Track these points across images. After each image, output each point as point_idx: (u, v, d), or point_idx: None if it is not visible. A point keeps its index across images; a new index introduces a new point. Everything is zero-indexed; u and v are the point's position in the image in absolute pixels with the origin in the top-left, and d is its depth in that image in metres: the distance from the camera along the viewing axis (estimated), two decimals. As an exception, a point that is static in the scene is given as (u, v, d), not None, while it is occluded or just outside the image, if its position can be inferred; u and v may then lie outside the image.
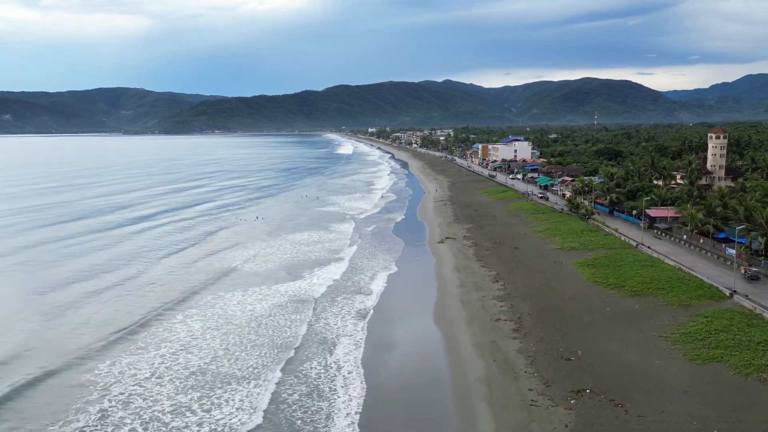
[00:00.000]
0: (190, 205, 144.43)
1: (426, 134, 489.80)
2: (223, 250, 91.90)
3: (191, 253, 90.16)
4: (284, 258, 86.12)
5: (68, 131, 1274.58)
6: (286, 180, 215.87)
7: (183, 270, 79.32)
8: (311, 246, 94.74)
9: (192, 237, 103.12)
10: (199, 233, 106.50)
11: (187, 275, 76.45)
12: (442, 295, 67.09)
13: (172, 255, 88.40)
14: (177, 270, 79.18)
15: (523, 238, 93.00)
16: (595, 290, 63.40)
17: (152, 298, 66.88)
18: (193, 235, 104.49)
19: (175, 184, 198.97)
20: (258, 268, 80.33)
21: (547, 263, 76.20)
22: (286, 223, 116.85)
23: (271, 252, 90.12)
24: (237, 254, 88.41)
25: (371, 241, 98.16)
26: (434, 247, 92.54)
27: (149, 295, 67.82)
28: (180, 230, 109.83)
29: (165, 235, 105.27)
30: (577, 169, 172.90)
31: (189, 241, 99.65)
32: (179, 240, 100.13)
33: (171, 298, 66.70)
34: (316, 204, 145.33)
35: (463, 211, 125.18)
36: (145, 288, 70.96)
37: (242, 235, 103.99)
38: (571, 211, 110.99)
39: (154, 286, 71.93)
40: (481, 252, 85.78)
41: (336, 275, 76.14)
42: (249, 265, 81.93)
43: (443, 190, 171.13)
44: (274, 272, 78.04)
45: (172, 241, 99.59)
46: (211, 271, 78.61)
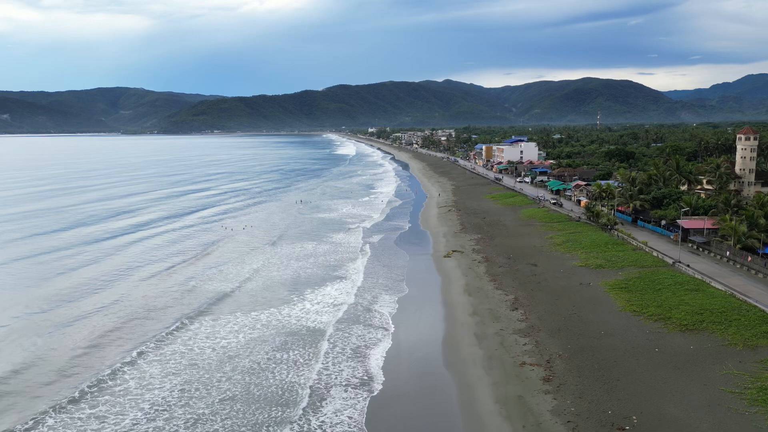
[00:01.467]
0: (184, 213, 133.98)
1: (427, 134, 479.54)
2: (210, 269, 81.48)
3: (169, 275, 79.63)
4: (284, 277, 75.72)
5: (66, 131, 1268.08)
6: (290, 182, 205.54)
7: (155, 298, 68.84)
8: (307, 261, 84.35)
9: (181, 250, 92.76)
10: (183, 248, 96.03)
11: (160, 305, 65.97)
12: (452, 326, 56.67)
13: (145, 280, 77.83)
14: (147, 300, 68.59)
15: (541, 253, 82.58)
16: (635, 323, 53.00)
17: (108, 340, 56.49)
18: (181, 249, 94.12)
19: (173, 188, 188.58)
20: (242, 298, 69.83)
21: (572, 285, 65.77)
22: (282, 233, 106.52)
23: (258, 268, 79.82)
24: (228, 273, 78.05)
25: (372, 256, 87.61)
26: (440, 263, 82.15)
27: (104, 336, 57.43)
28: (167, 243, 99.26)
29: (145, 251, 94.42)
30: (589, 172, 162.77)
31: (170, 258, 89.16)
32: (161, 256, 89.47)
33: (136, 338, 56.30)
34: (312, 210, 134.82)
35: (469, 219, 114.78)
36: (102, 322, 60.57)
37: (232, 250, 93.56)
38: (590, 219, 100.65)
39: (112, 322, 61.55)
40: (494, 269, 75.40)
41: (335, 300, 65.74)
42: (238, 293, 71.45)
43: (447, 194, 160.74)
44: (261, 300, 67.62)
45: (151, 258, 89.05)
46: (182, 301, 68.12)
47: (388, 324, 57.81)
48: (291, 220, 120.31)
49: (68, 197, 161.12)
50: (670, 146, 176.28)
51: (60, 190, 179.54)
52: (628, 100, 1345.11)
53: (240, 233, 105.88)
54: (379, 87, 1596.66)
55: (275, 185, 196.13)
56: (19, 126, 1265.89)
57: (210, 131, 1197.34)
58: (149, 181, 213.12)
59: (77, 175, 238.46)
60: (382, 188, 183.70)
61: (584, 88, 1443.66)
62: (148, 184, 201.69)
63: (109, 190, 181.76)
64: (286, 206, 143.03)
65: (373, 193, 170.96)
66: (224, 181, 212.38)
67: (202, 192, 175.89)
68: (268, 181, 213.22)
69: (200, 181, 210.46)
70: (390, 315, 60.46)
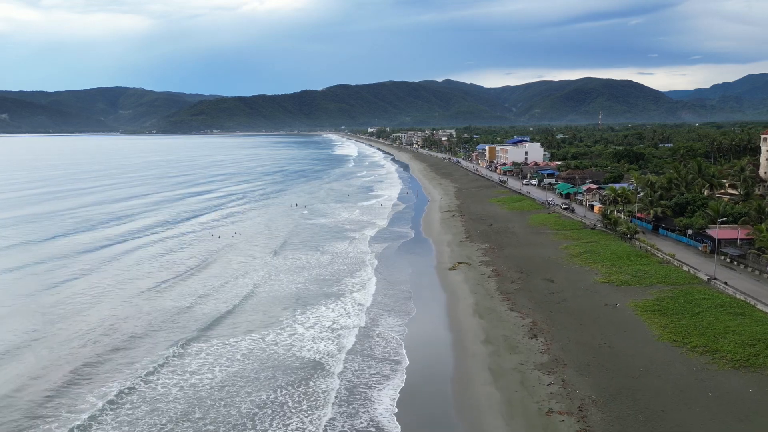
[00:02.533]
0: (182, 219, 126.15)
1: (427, 135, 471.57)
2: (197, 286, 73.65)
3: (151, 297, 71.87)
4: (278, 295, 68.01)
5: (65, 131, 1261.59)
6: (290, 184, 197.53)
7: (132, 324, 61.12)
8: (305, 275, 76.60)
9: (172, 262, 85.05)
10: (174, 259, 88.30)
11: (139, 331, 58.25)
12: (462, 358, 48.92)
13: (126, 301, 70.10)
14: (121, 328, 60.93)
15: (556, 265, 74.82)
16: (677, 356, 45.28)
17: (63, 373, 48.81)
18: (171, 261, 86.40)
19: (173, 190, 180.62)
20: (228, 323, 62.10)
21: (596, 306, 58.03)
22: (281, 241, 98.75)
23: (252, 285, 72.10)
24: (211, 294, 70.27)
25: (376, 270, 79.85)
26: (445, 276, 74.40)
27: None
28: (157, 255, 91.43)
29: (132, 264, 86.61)
30: (598, 174, 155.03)
31: (157, 273, 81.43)
32: (148, 271, 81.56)
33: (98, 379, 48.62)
34: (312, 216, 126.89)
35: (475, 226, 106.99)
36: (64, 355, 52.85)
37: (224, 263, 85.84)
38: (607, 227, 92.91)
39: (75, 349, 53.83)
40: (506, 285, 67.65)
41: (338, 323, 57.99)
42: (226, 316, 63.73)
43: (449, 197, 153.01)
44: (248, 324, 59.91)
45: (136, 274, 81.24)
46: (162, 328, 60.38)
47: (399, 355, 49.98)
48: (291, 227, 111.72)
49: (63, 201, 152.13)
50: (683, 147, 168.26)
51: (55, 193, 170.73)
52: (628, 100, 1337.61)
53: (231, 241, 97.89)
54: (379, 87, 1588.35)
55: (276, 188, 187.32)
56: (18, 126, 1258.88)
57: (209, 131, 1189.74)
58: (148, 183, 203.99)
59: (74, 176, 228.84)
60: (382, 191, 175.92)
61: (584, 88, 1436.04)
62: (146, 186, 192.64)
63: (106, 192, 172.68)
64: (286, 210, 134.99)
65: (374, 196, 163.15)
66: (224, 183, 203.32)
67: (203, 195, 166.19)
68: (270, 183, 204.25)
69: (201, 183, 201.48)
70: (400, 342, 52.77)
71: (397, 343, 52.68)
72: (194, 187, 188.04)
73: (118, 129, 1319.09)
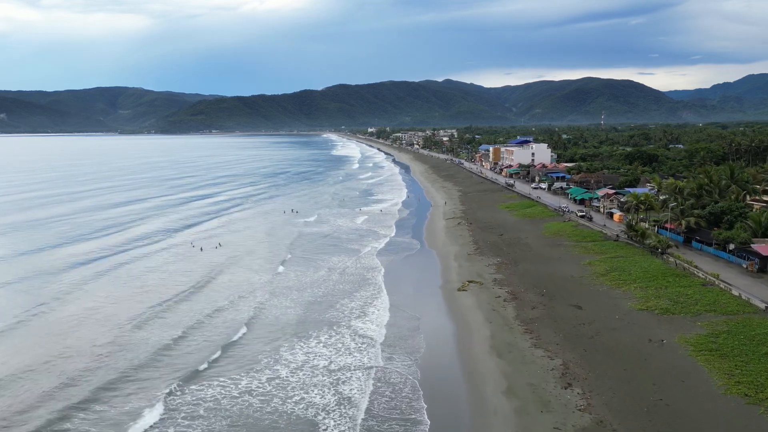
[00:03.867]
0: (178, 228, 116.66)
1: (428, 135, 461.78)
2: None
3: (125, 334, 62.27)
4: (265, 331, 58.44)
5: (64, 131, 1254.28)
6: (290, 188, 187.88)
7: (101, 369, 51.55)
8: (302, 297, 67.04)
9: (161, 282, 75.50)
10: (163, 279, 78.75)
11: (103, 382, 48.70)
12: (483, 416, 39.25)
13: (93, 342, 60.51)
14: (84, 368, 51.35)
15: (582, 286, 65.20)
16: (754, 419, 35.68)
17: None
18: (161, 280, 76.84)
19: (172, 195, 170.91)
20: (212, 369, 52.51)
21: (639, 342, 48.41)
22: (274, 251, 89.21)
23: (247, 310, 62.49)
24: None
25: (381, 292, 70.38)
26: (454, 299, 64.82)
27: None
28: (145, 272, 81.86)
29: (115, 285, 77.08)
30: (612, 178, 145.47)
31: (140, 296, 71.93)
32: (129, 294, 72.13)
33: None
34: (308, 224, 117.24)
35: (484, 236, 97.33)
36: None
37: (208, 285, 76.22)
38: (633, 239, 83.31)
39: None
40: (526, 312, 58.06)
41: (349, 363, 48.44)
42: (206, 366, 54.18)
43: (454, 202, 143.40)
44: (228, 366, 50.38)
45: (116, 297, 71.71)
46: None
47: (415, 410, 40.41)
48: (289, 239, 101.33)
49: (57, 206, 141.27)
50: (702, 149, 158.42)
51: (50, 197, 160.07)
52: (629, 100, 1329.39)
53: (226, 255, 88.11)
54: (379, 87, 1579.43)
55: (274, 192, 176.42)
56: (17, 126, 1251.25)
57: (208, 131, 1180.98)
58: (145, 186, 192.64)
59: (71, 179, 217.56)
60: (383, 195, 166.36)
61: (585, 87, 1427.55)
62: (143, 189, 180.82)
63: (101, 197, 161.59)
64: (284, 218, 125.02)
65: (375, 201, 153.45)
66: (223, 187, 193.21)
67: (202, 200, 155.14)
68: (268, 187, 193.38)
69: (199, 187, 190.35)
70: (416, 389, 43.43)
71: (411, 390, 43.05)
72: (190, 192, 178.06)
73: (117, 129, 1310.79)
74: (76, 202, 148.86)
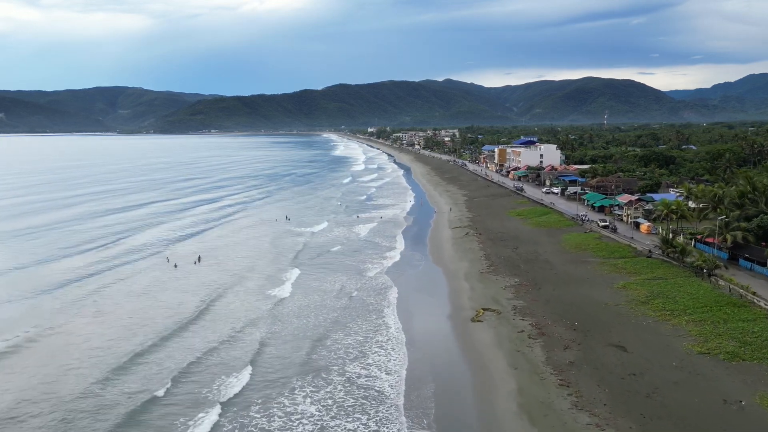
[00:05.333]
0: (175, 239, 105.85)
1: (429, 135, 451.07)
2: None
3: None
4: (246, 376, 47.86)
5: (63, 130, 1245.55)
6: (286, 194, 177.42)
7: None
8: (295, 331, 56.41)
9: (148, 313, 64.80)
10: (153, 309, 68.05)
11: None
12: None
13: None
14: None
15: (620, 317, 54.52)
16: None
17: None
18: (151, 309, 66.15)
19: (174, 199, 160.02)
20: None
21: (712, 405, 37.67)
22: (257, 268, 78.63)
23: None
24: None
25: (370, 329, 59.84)
26: (468, 333, 54.20)
27: None
28: (131, 295, 71.29)
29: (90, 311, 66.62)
30: (630, 182, 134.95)
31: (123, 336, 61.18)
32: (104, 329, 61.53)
33: None
34: (304, 235, 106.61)
35: (496, 250, 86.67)
36: None
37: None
38: (669, 256, 72.68)
39: None
40: (557, 353, 47.40)
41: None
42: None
43: (460, 208, 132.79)
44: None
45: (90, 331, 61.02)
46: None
47: None
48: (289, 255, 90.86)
49: (51, 213, 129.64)
50: (728, 150, 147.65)
51: (44, 203, 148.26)
52: (630, 100, 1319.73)
53: (202, 274, 77.56)
54: (379, 86, 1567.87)
55: (267, 197, 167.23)
56: (15, 126, 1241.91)
57: (207, 131, 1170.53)
58: (141, 190, 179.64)
59: (70, 181, 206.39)
60: (385, 200, 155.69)
61: (585, 87, 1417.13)
62: (140, 194, 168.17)
63: (102, 201, 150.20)
64: (276, 226, 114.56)
65: (375, 206, 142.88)
66: (220, 193, 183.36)
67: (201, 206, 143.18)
68: (263, 192, 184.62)
69: (198, 192, 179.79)
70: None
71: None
72: (186, 197, 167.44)
73: (116, 129, 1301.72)
74: (63, 210, 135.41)
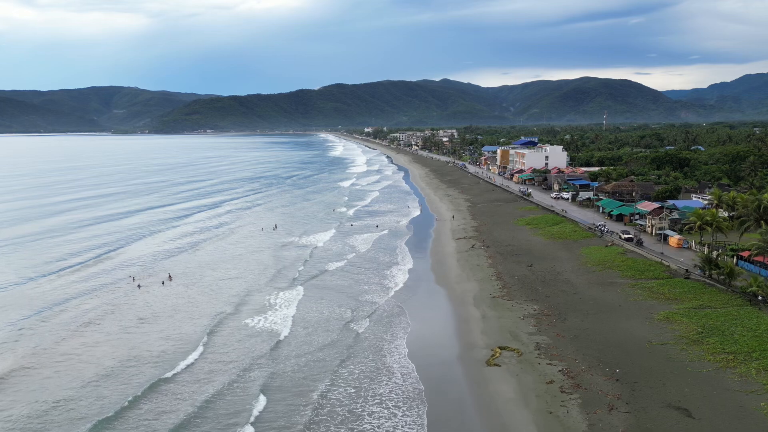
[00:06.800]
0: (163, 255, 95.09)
1: (427, 135, 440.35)
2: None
3: None
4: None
5: (57, 130, 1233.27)
6: (274, 197, 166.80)
7: None
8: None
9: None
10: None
11: None
12: None
13: None
14: None
15: (672, 364, 44.05)
16: None
17: None
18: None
19: (168, 206, 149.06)
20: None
21: None
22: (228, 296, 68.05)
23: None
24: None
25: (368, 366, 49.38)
26: (482, 385, 43.69)
27: None
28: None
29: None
30: (647, 187, 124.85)
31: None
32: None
33: None
34: (292, 248, 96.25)
35: (508, 266, 76.19)
36: None
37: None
38: (711, 278, 62.32)
39: None
40: (602, 417, 36.92)
41: None
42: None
43: (462, 215, 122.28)
44: None
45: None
46: None
47: None
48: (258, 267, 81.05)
49: (31, 223, 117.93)
50: (751, 152, 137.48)
51: (29, 210, 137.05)
52: (627, 100, 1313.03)
53: (159, 293, 67.07)
54: (376, 86, 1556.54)
55: (259, 203, 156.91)
56: (9, 125, 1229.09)
57: (202, 131, 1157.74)
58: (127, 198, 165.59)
59: (60, 185, 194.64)
60: (382, 205, 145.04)
61: (583, 87, 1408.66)
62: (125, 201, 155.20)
63: (92, 209, 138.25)
64: (263, 237, 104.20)
65: (374, 212, 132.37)
66: (215, 198, 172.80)
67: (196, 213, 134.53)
68: (248, 195, 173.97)
69: (188, 199, 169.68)
70: None
71: None
72: (174, 205, 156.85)
73: (110, 129, 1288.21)
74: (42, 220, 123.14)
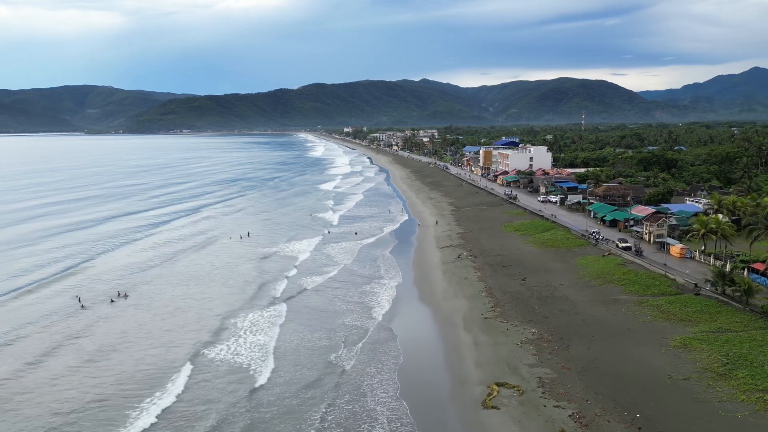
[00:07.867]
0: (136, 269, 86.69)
1: (408, 135, 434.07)
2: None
3: None
4: None
5: (28, 130, 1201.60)
6: (251, 200, 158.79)
7: None
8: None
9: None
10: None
11: None
12: None
13: None
14: None
15: (703, 406, 37.75)
16: None
17: None
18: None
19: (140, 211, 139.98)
20: None
21: None
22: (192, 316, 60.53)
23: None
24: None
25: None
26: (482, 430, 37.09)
27: None
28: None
29: None
30: (638, 189, 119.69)
31: None
32: None
33: None
34: (261, 259, 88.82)
35: (499, 280, 69.73)
36: None
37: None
38: (724, 294, 56.46)
39: None
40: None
41: None
42: None
43: (446, 220, 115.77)
44: None
45: None
46: None
47: None
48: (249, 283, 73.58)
49: None
50: (743, 154, 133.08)
51: None
52: (603, 100, 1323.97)
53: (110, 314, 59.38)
54: (356, 86, 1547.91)
55: (244, 210, 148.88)
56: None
57: (178, 131, 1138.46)
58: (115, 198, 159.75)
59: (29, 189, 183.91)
60: (362, 209, 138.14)
61: (560, 88, 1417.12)
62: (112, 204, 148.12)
63: (63, 215, 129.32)
64: (238, 247, 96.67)
65: (353, 218, 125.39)
66: (188, 204, 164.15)
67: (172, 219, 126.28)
68: (244, 201, 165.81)
69: (158, 205, 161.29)
70: None
71: None
72: (142, 212, 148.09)
73: (83, 129, 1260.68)
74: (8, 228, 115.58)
